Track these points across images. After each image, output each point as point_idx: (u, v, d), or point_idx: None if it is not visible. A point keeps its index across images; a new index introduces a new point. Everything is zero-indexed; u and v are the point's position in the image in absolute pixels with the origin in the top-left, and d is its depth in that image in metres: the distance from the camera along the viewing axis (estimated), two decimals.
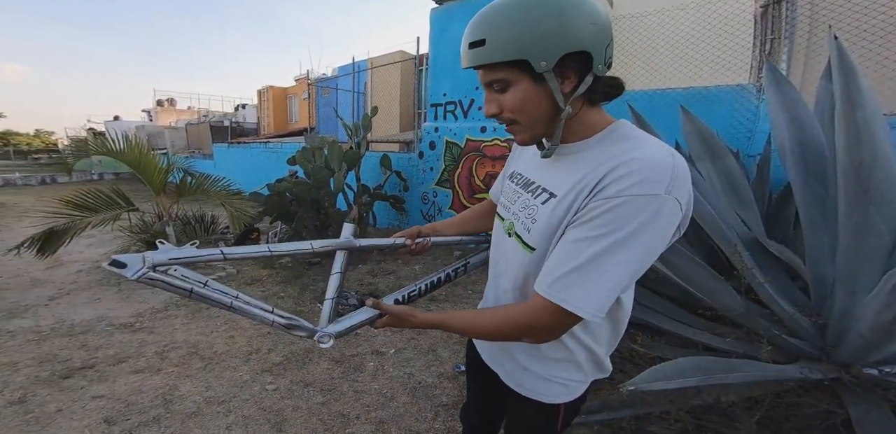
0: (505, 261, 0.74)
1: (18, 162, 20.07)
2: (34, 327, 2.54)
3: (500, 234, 0.77)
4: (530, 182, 0.71)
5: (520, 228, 0.68)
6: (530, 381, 0.75)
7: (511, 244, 0.71)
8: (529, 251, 0.65)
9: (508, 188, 0.78)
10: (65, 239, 3.32)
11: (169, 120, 21.96)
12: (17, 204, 7.94)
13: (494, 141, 4.38)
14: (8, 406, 1.69)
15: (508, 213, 0.74)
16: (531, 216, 0.65)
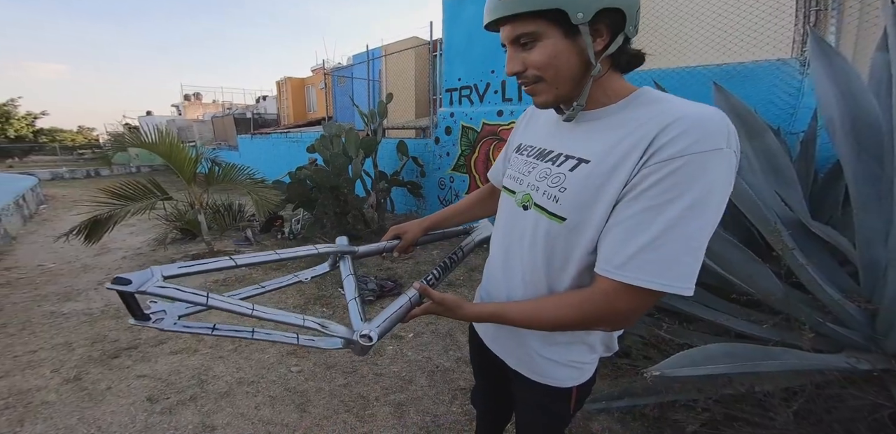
0: (522, 236, 0.67)
1: (65, 157, 21.20)
2: (86, 310, 2.69)
3: (511, 209, 0.70)
4: (546, 151, 0.66)
5: (541, 199, 0.62)
6: (542, 366, 0.71)
7: (531, 217, 0.64)
8: (558, 221, 0.59)
9: (517, 161, 0.72)
10: (108, 226, 3.48)
11: (196, 114, 22.49)
12: (65, 195, 8.41)
13: (511, 124, 4.21)
14: (65, 383, 1.80)
15: (521, 185, 0.67)
16: (557, 184, 0.59)
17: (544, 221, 0.61)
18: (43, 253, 4.22)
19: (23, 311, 2.67)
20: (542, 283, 0.65)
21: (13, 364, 1.98)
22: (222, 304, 0.60)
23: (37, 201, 7.47)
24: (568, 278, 0.62)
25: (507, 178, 0.74)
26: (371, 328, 0.65)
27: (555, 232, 0.60)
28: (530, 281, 0.67)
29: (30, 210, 6.58)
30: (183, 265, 0.62)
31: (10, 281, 3.37)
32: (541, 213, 0.62)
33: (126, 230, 5.10)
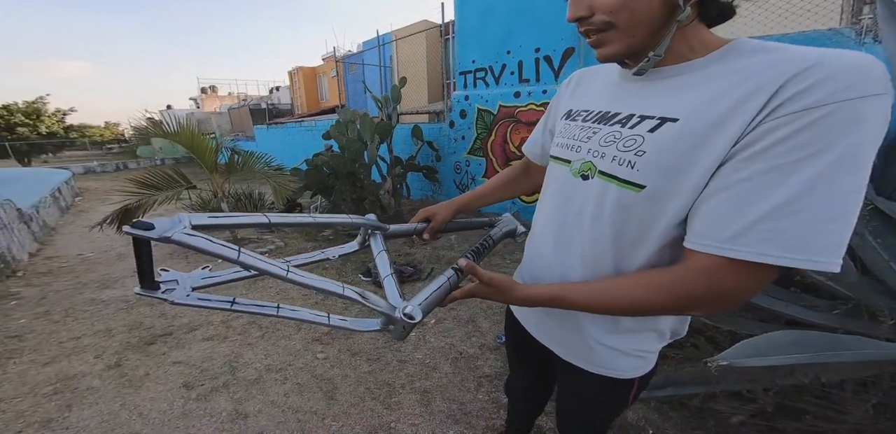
0: (581, 209, 0.59)
1: (95, 151, 22.00)
2: (122, 297, 2.80)
3: (565, 179, 0.63)
4: (611, 114, 0.58)
5: (609, 166, 0.54)
6: (602, 356, 0.66)
7: (594, 187, 0.57)
8: (634, 190, 0.51)
9: (570, 127, 0.65)
10: (138, 215, 3.58)
11: (213, 106, 23.12)
12: (98, 188, 8.71)
13: (529, 106, 4.04)
14: (107, 369, 1.89)
15: (579, 152, 0.60)
16: (631, 148, 0.51)
17: (613, 191, 0.54)
18: (81, 242, 4.40)
19: (65, 298, 2.80)
20: (606, 261, 0.58)
21: (59, 350, 2.09)
22: (255, 261, 0.51)
23: (72, 194, 7.76)
24: (642, 255, 0.55)
25: (557, 147, 0.66)
26: (412, 306, 0.59)
27: (628, 202, 0.52)
28: (592, 259, 0.59)
29: (66, 202, 6.84)
30: (213, 216, 0.54)
31: (52, 270, 3.54)
32: (609, 181, 0.54)
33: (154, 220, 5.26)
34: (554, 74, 3.82)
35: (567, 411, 0.85)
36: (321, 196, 4.39)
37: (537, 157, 0.85)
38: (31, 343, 2.18)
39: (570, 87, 0.73)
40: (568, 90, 0.73)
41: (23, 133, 17.52)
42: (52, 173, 8.40)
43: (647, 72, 0.53)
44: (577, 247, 0.61)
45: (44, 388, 1.77)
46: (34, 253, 4.08)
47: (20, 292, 2.93)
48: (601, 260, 0.59)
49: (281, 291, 2.74)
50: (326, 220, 0.70)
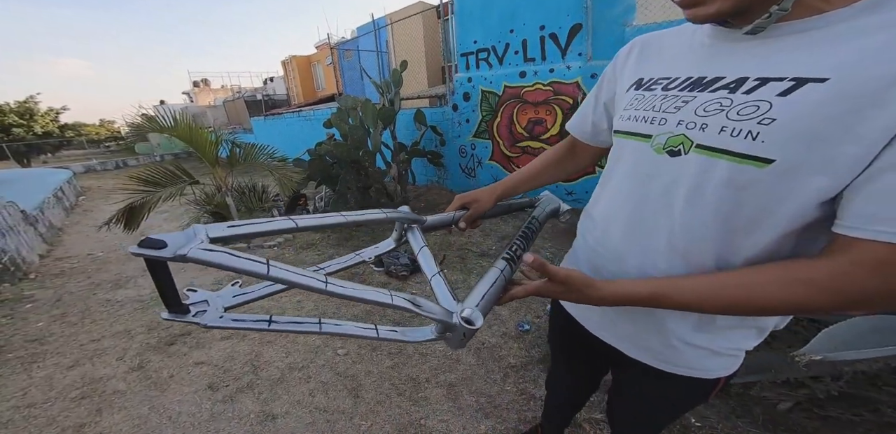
0: (670, 190, 0.51)
1: (93, 150, 21.87)
2: (137, 297, 2.79)
3: (644, 157, 0.55)
4: (707, 79, 0.50)
5: (717, 139, 0.46)
6: (685, 355, 0.60)
7: (690, 164, 0.48)
8: (757, 165, 0.43)
9: (646, 98, 0.56)
10: (143, 213, 3.54)
11: (207, 100, 22.91)
12: (100, 186, 8.66)
13: (536, 85, 3.88)
14: (131, 372, 1.89)
15: (664, 125, 0.52)
16: (752, 116, 0.43)
17: (723, 167, 0.45)
18: (90, 242, 4.39)
19: (80, 300, 2.80)
20: (705, 250, 0.50)
21: (81, 353, 2.09)
22: (288, 274, 0.44)
23: (75, 193, 7.72)
24: (754, 244, 0.47)
25: (629, 121, 0.58)
26: (470, 308, 0.53)
27: (745, 180, 0.44)
28: (683, 248, 0.52)
29: (70, 202, 6.81)
30: (233, 225, 0.48)
31: (65, 271, 3.54)
32: (715, 156, 0.46)
33: (161, 216, 5.23)
34: (561, 52, 3.64)
35: (629, 411, 0.81)
36: (326, 186, 4.32)
37: (587, 136, 0.77)
38: (52, 346, 2.18)
39: (633, 54, 0.64)
40: (630, 58, 0.65)
41: (18, 134, 17.37)
42: (52, 173, 8.35)
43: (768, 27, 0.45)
44: (661, 234, 0.54)
45: (71, 391, 1.77)
46: (44, 254, 4.08)
47: (34, 295, 2.93)
48: (697, 249, 0.51)
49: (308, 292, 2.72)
50: (359, 217, 0.63)
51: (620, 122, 0.60)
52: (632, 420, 0.83)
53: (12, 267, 3.40)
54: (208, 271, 3.08)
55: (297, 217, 0.55)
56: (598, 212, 0.66)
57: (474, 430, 1.43)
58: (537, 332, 2.02)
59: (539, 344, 1.92)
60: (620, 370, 0.77)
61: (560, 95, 3.72)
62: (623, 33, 3.18)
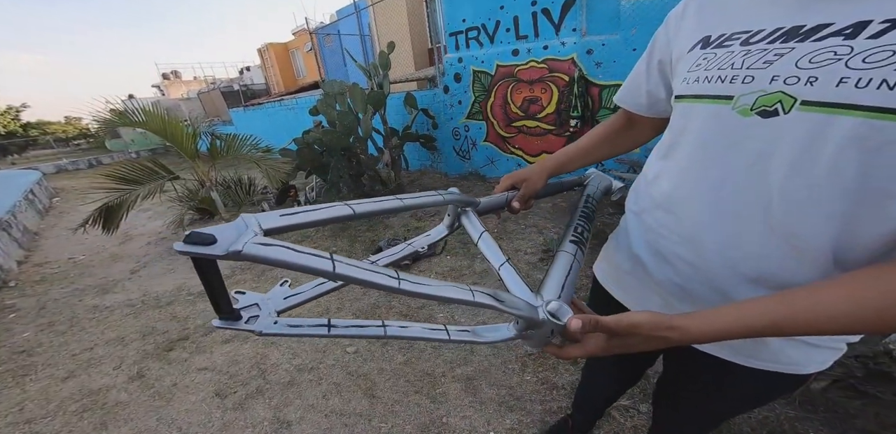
0: (764, 159, 0.44)
1: (62, 149, 20.98)
2: (127, 301, 2.68)
3: (726, 121, 0.47)
4: (807, 27, 0.42)
5: (834, 92, 0.38)
6: (775, 349, 0.53)
7: (796, 125, 0.41)
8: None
9: (718, 56, 0.49)
10: (121, 213, 3.38)
11: (179, 92, 22.30)
12: (74, 187, 8.28)
13: (530, 63, 3.74)
14: (130, 381, 1.81)
15: (749, 83, 0.44)
16: (893, 60, 0.35)
17: (847, 125, 0.37)
18: (69, 245, 4.20)
19: (66, 307, 2.68)
20: (818, 231, 0.42)
21: (74, 363, 2.00)
22: (356, 271, 0.39)
23: (48, 195, 7.39)
24: (886, 226, 0.39)
25: (699, 83, 0.50)
26: (557, 302, 0.47)
27: (883, 139, 0.36)
28: (788, 229, 0.43)
29: (43, 204, 6.51)
30: (286, 213, 0.43)
31: (45, 277, 3.38)
32: (833, 112, 0.38)
33: (144, 215, 5.03)
34: (554, 29, 3.49)
35: (688, 406, 0.75)
36: (316, 175, 4.17)
37: (643, 108, 0.69)
38: (42, 358, 2.08)
39: (690, 11, 0.56)
40: (687, 16, 0.57)
41: None
42: (19, 175, 7.97)
43: None
44: (755, 213, 0.46)
45: (70, 405, 1.69)
46: (22, 260, 3.89)
47: (16, 304, 2.80)
48: (806, 229, 0.42)
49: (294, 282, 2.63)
50: (415, 200, 0.58)
51: (686, 85, 0.53)
52: (689, 414, 0.77)
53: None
54: None
55: (354, 202, 0.50)
56: (660, 191, 0.58)
57: (499, 425, 1.40)
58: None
59: None
60: (682, 361, 0.70)
61: (555, 73, 3.59)
62: (619, 7, 3.03)
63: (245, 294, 0.48)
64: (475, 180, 4.74)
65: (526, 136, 4.10)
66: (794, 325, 0.39)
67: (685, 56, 0.54)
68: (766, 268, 0.47)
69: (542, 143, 4.00)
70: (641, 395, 1.46)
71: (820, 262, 0.44)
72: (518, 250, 2.80)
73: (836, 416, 1.24)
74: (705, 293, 0.54)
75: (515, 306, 0.46)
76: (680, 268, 0.56)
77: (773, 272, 0.47)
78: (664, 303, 0.61)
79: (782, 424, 1.26)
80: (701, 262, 0.53)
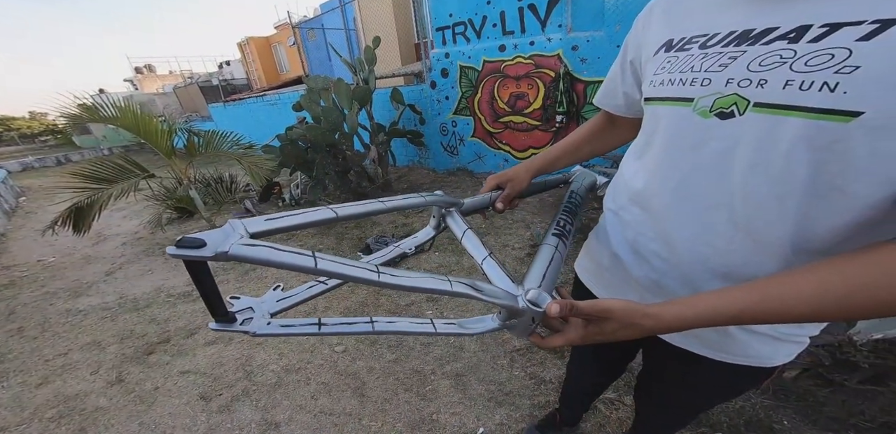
0: (724, 157, 0.46)
1: (28, 146, 20.09)
2: (102, 304, 2.61)
3: (687, 123, 0.49)
4: (757, 31, 0.44)
5: (782, 94, 0.41)
6: (744, 343, 0.57)
7: (750, 126, 0.43)
8: (843, 120, 0.37)
9: (680, 59, 0.51)
10: (92, 213, 3.26)
11: (154, 87, 21.54)
12: (41, 186, 7.93)
13: (517, 59, 3.77)
14: (109, 386, 1.77)
15: (708, 86, 0.47)
16: (828, 65, 0.38)
17: (795, 126, 0.40)
18: (38, 247, 4.04)
19: (36, 311, 2.59)
20: (777, 225, 0.44)
21: (47, 369, 1.94)
22: (337, 267, 0.41)
23: (14, 194, 7.08)
24: (844, 218, 0.41)
25: (662, 86, 0.53)
26: (535, 290, 0.49)
27: (827, 139, 0.38)
28: (749, 224, 0.46)
29: (9, 204, 6.24)
30: (271, 217, 0.46)
31: (14, 280, 3.26)
32: (781, 113, 0.41)
33: (118, 214, 4.88)
34: (541, 24, 3.52)
35: (665, 397, 0.80)
36: (301, 172, 4.11)
37: (621, 109, 0.71)
38: (13, 364, 2.01)
39: (655, 14, 0.59)
40: (653, 19, 0.59)
41: None
42: None
43: None
44: (719, 209, 0.49)
45: (47, 411, 1.65)
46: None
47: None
48: (765, 224, 0.45)
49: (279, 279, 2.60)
50: (397, 202, 0.60)
51: (652, 88, 0.55)
52: (666, 406, 0.82)
53: None
54: None
55: (337, 206, 0.52)
56: (635, 189, 0.61)
57: (489, 420, 1.43)
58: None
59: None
60: (657, 355, 0.75)
61: (542, 68, 3.62)
62: (603, 3, 3.08)
63: (240, 298, 0.50)
64: (463, 176, 4.76)
65: (513, 131, 4.13)
66: (763, 312, 0.41)
67: (651, 59, 0.57)
68: (733, 262, 0.50)
69: (528, 138, 4.04)
70: (626, 388, 1.51)
71: (781, 255, 0.46)
72: (506, 245, 2.83)
73: (808, 405, 1.31)
74: (679, 289, 0.56)
75: (494, 295, 0.48)
76: (655, 264, 0.59)
77: (740, 267, 0.50)
78: (641, 299, 0.63)
79: (758, 413, 1.33)
80: (674, 258, 0.56)
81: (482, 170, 4.66)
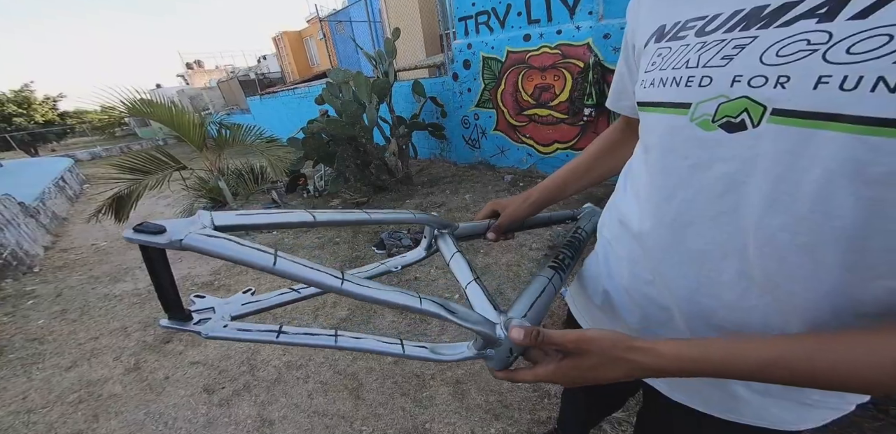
0: (730, 191, 0.33)
1: (97, 137, 21.76)
2: (134, 290, 2.71)
3: (682, 137, 0.36)
4: (775, 6, 0.31)
5: (812, 97, 0.27)
6: (759, 408, 0.44)
7: (768, 142, 0.30)
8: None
9: (672, 52, 0.38)
10: (131, 202, 3.40)
11: (202, 81, 22.45)
12: (104, 174, 8.42)
13: (542, 49, 3.50)
14: (126, 373, 1.81)
15: (706, 87, 0.34)
16: (884, 51, 0.24)
17: (834, 144, 0.27)
18: (94, 232, 4.29)
19: (80, 294, 2.74)
20: (813, 287, 0.31)
21: (79, 352, 2.02)
22: (297, 268, 0.37)
23: (79, 182, 7.65)
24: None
25: (653, 87, 0.40)
26: (518, 319, 0.45)
27: (887, 164, 0.25)
28: (768, 280, 0.33)
29: (74, 190, 6.74)
30: (243, 213, 0.43)
31: (68, 263, 3.48)
32: (812, 125, 0.27)
33: (163, 202, 5.12)
34: (569, 12, 3.23)
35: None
36: (323, 164, 4.10)
37: (632, 111, 0.57)
38: (51, 346, 2.12)
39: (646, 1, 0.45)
40: (643, 6, 0.45)
41: (20, 123, 17.20)
42: (52, 162, 8.24)
43: None
44: (728, 255, 0.35)
45: (69, 395, 1.71)
46: (49, 246, 4.03)
47: (35, 290, 2.88)
48: (789, 281, 0.32)
49: None
50: (384, 216, 0.56)
51: (642, 90, 0.42)
52: None
53: (14, 261, 3.34)
54: None
55: (317, 211, 0.48)
56: (629, 218, 0.47)
57: (483, 433, 1.32)
58: (551, 319, 1.87)
59: None
60: (655, 403, 0.61)
61: (569, 59, 3.34)
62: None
63: (204, 298, 0.47)
64: (484, 170, 4.58)
65: (537, 125, 3.89)
66: (788, 369, 0.29)
67: (643, 52, 0.43)
68: (746, 321, 0.37)
69: (554, 132, 3.78)
70: (638, 407, 1.35)
71: (815, 321, 0.32)
72: (523, 245, 2.67)
73: None
74: None
75: (468, 319, 0.43)
76: (649, 311, 0.46)
77: (758, 327, 0.36)
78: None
79: None
80: (674, 307, 0.43)
81: (504, 164, 4.45)
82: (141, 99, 3.18)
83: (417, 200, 3.83)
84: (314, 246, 3.07)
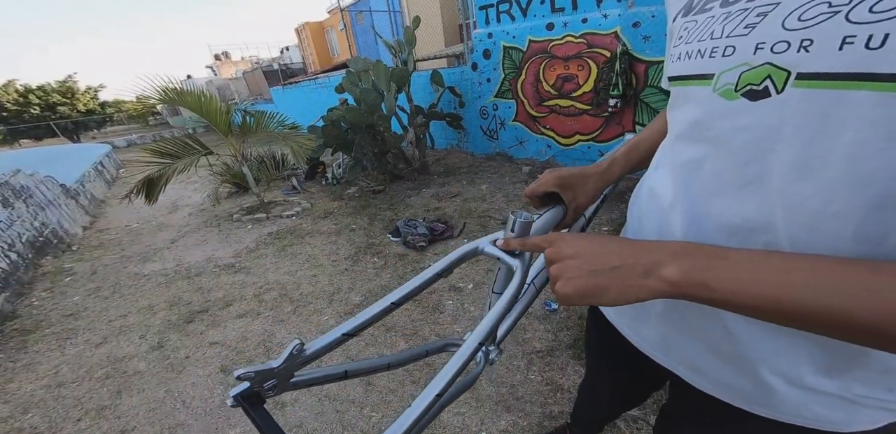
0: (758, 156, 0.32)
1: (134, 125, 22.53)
2: (162, 270, 2.76)
3: (705, 108, 0.36)
4: None
5: (842, 58, 0.26)
6: (796, 402, 0.40)
7: (794, 108, 0.29)
8: None
9: (703, 22, 0.36)
10: (160, 185, 3.46)
11: (230, 72, 22.90)
12: (139, 159, 8.73)
13: (566, 38, 3.30)
14: (151, 351, 1.84)
15: (729, 56, 0.33)
16: None
17: (865, 103, 0.25)
18: (129, 213, 4.42)
19: (113, 273, 2.81)
20: (848, 245, 0.29)
21: (109, 329, 2.07)
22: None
23: (116, 166, 7.89)
24: None
25: (681, 61, 0.38)
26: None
27: None
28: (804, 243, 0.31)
29: (111, 175, 6.96)
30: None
31: (104, 242, 3.58)
32: (841, 86, 0.26)
33: (191, 187, 5.22)
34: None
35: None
36: (342, 152, 4.06)
37: None
38: (84, 322, 2.18)
39: None
40: None
41: (64, 112, 17.89)
42: (91, 148, 8.52)
43: None
44: (755, 229, 0.35)
45: (97, 371, 1.74)
46: (87, 226, 4.16)
47: (73, 268, 2.97)
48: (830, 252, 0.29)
49: (310, 258, 2.58)
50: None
51: (671, 64, 0.41)
52: None
53: (55, 240, 3.47)
54: None
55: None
56: (659, 193, 0.45)
57: (493, 425, 1.26)
58: (566, 313, 1.79)
59: (569, 326, 1.69)
60: (683, 396, 0.55)
61: (594, 48, 3.14)
62: None
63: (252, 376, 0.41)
64: (502, 161, 4.45)
65: (559, 115, 3.71)
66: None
67: (672, 27, 0.43)
68: None
69: (576, 123, 3.61)
70: (655, 406, 1.27)
71: None
72: None
73: None
74: (708, 326, 0.41)
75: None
76: None
77: None
78: (660, 335, 0.49)
79: None
80: None
81: (522, 156, 4.30)
82: (173, 88, 3.18)
83: (433, 190, 3.75)
84: (331, 231, 3.05)
